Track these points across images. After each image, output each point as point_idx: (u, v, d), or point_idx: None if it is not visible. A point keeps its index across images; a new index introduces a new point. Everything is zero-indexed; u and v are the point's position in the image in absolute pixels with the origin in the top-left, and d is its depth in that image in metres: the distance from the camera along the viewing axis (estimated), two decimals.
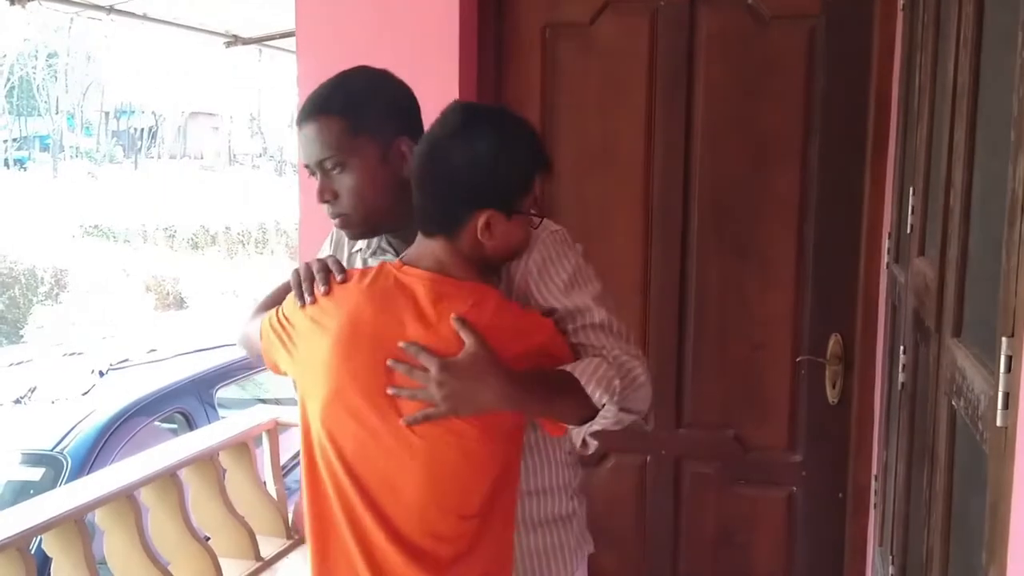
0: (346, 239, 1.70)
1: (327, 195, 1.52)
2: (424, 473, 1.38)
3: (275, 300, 1.58)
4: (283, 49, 5.81)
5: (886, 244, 2.41)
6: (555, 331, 1.46)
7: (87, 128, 37.00)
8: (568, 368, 1.42)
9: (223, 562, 2.75)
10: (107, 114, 37.35)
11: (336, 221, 1.56)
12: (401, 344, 1.36)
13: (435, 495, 1.38)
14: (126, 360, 3.92)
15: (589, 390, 1.39)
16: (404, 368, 1.36)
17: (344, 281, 1.44)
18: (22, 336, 14.74)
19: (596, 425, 1.45)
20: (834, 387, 2.56)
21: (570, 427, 1.48)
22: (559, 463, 1.60)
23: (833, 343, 2.55)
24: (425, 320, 1.38)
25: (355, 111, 1.50)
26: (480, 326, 1.35)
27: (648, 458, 2.74)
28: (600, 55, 2.66)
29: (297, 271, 1.49)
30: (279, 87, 35.16)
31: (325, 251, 1.74)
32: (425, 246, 1.45)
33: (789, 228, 2.58)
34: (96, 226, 21.93)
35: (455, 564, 1.39)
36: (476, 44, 2.69)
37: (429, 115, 1.48)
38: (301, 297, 1.45)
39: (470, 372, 1.33)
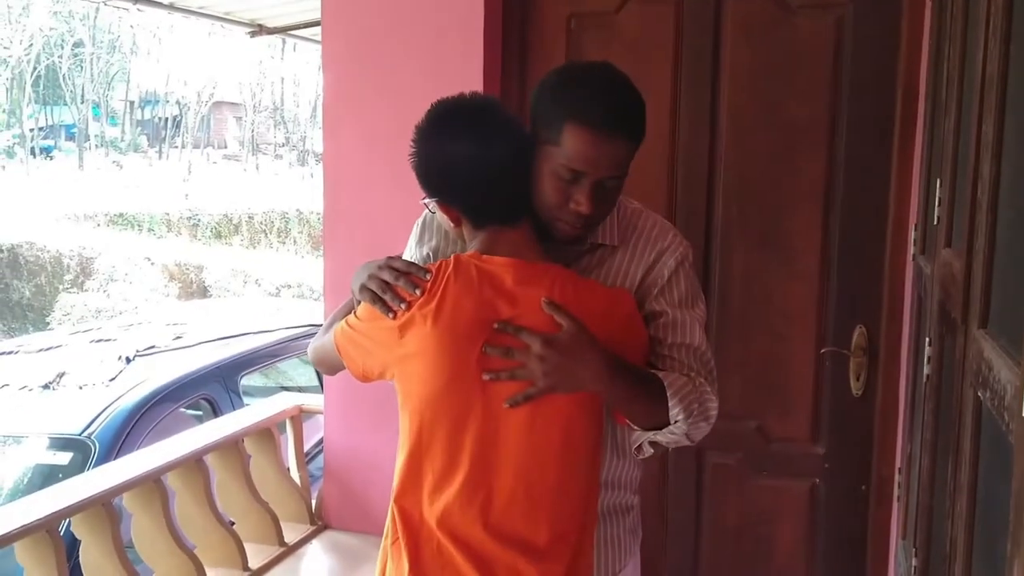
0: (435, 225, 1.67)
1: (597, 206, 1.48)
2: (527, 454, 1.40)
3: (345, 314, 1.59)
4: (306, 39, 5.84)
5: (912, 235, 2.39)
6: (635, 304, 1.51)
7: (112, 117, 37.32)
8: (660, 374, 1.47)
9: (247, 547, 2.78)
10: (132, 103, 37.66)
11: (577, 224, 1.50)
12: (496, 325, 1.38)
13: (540, 476, 1.41)
14: (152, 347, 3.96)
15: (671, 403, 1.44)
16: (499, 351, 1.38)
17: (435, 277, 1.43)
18: (48, 323, 14.94)
19: (660, 436, 1.49)
20: (858, 379, 2.55)
21: (634, 429, 1.52)
22: (632, 460, 1.63)
23: (858, 335, 2.54)
24: (517, 304, 1.41)
25: (641, 136, 1.50)
26: (570, 304, 1.40)
27: (670, 448, 2.74)
28: (625, 45, 2.65)
29: (367, 287, 1.47)
30: (302, 77, 35.27)
31: (413, 243, 1.71)
32: (500, 237, 1.48)
33: (814, 219, 2.57)
34: (121, 214, 22.14)
35: (552, 548, 1.42)
36: (501, 33, 2.70)
37: None
38: (389, 309, 1.43)
39: (570, 349, 1.36)
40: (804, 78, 2.54)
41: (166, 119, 36.16)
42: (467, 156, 1.45)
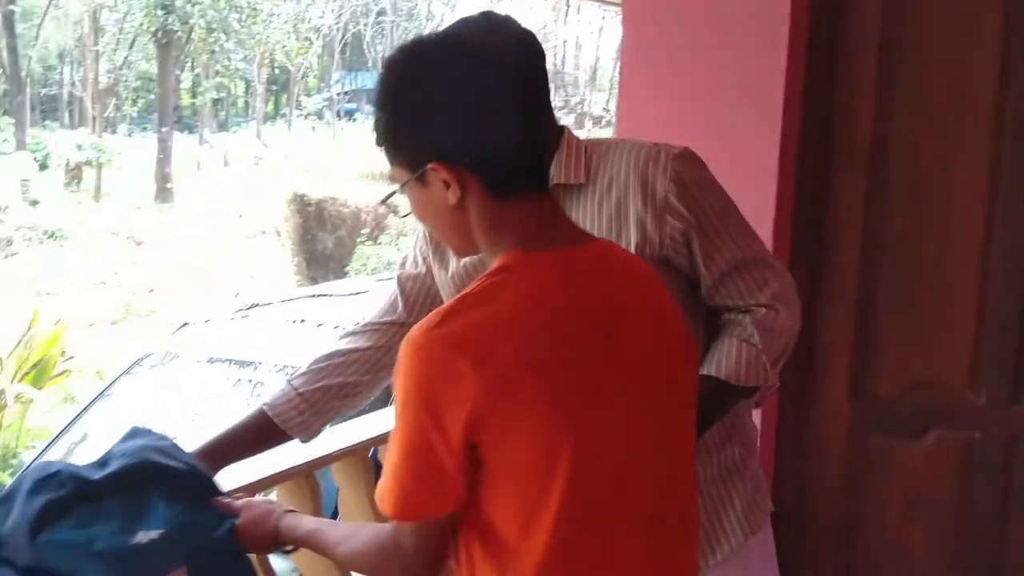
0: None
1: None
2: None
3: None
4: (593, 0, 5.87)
5: None
6: None
7: None
8: (714, 368, 1.43)
9: None
10: None
11: None
12: None
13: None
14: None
15: (742, 384, 1.42)
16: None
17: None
18: (347, 272, 16.31)
19: (759, 394, 1.48)
20: None
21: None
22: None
23: None
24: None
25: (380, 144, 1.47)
26: (642, 280, 1.30)
27: (976, 436, 2.52)
28: (948, 4, 2.43)
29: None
30: (583, 40, 35.66)
31: (429, 247, 1.72)
32: (541, 212, 1.21)
33: None
34: None
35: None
36: None
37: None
38: None
39: None
40: None
41: None
42: (492, 78, 1.16)
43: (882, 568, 2.01)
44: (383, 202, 1.32)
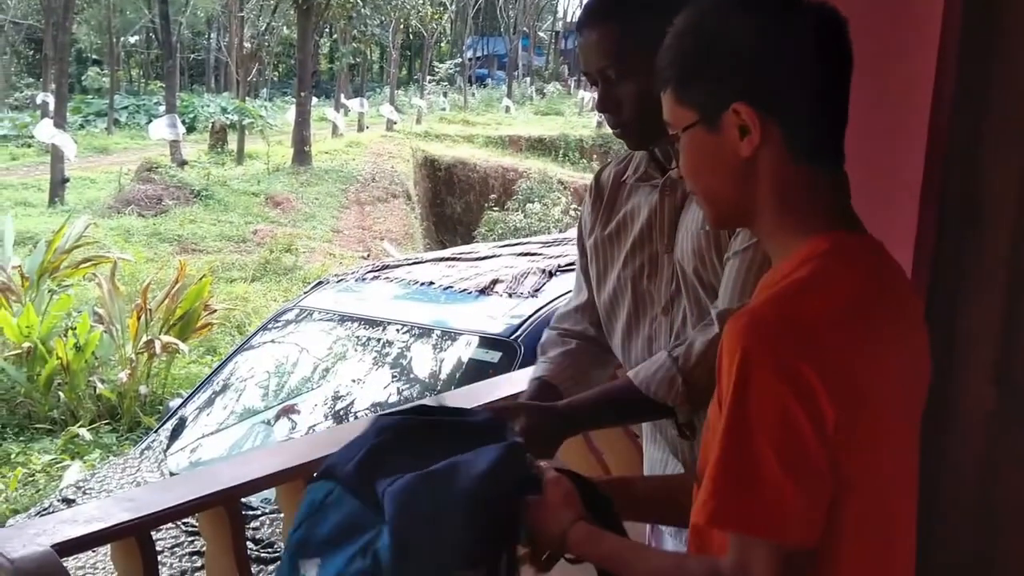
0: (609, 184, 1.67)
1: (609, 104, 1.49)
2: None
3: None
4: None
5: None
6: None
7: (539, 48, 39.73)
8: (630, 375, 1.43)
9: None
10: (557, 34, 39.76)
11: (614, 130, 1.53)
12: None
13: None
14: (572, 264, 4.21)
15: (651, 396, 1.41)
16: None
17: None
18: (474, 237, 16.51)
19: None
20: None
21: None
22: None
23: None
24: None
25: (611, 18, 1.44)
26: None
27: None
28: None
29: None
30: None
31: (587, 205, 1.72)
32: (844, 187, 1.08)
33: None
34: (540, 139, 23.64)
35: None
36: None
37: None
38: None
39: None
40: None
41: None
42: (819, 29, 1.05)
43: None
44: (653, 147, 1.46)
